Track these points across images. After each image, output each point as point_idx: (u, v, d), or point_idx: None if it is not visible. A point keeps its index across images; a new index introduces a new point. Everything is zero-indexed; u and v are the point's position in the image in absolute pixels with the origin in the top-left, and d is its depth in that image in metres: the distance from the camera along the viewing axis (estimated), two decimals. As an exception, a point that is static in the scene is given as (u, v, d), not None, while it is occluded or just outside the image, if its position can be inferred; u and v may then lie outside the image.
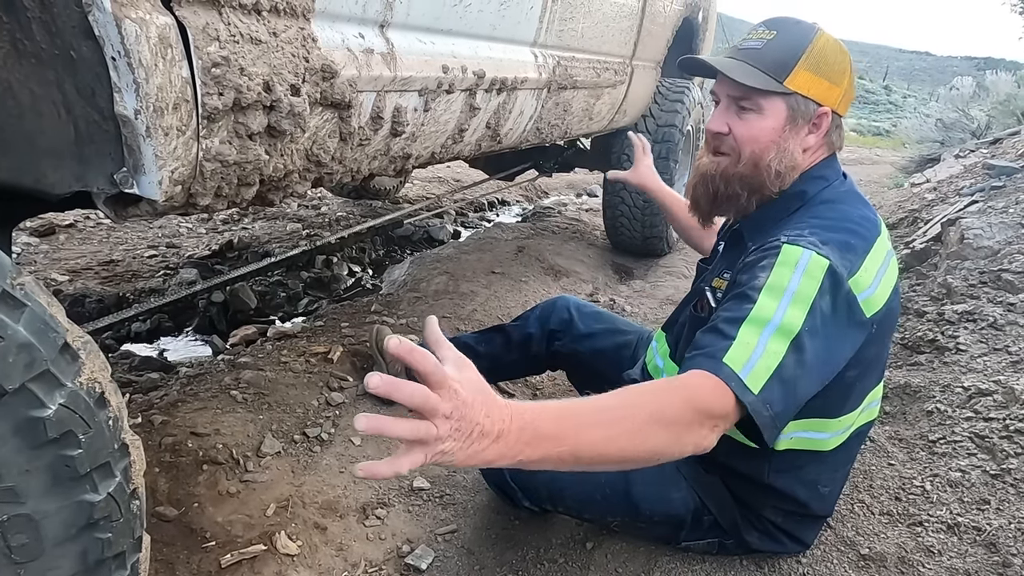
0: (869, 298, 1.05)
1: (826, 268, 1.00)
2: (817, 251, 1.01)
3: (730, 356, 0.94)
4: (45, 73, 0.83)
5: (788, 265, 1.01)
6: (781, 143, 1.13)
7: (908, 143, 9.16)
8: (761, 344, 0.95)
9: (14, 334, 0.59)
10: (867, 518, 1.38)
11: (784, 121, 1.12)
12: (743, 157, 1.14)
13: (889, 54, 73.52)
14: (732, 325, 0.99)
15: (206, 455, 1.54)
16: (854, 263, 1.04)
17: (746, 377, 0.93)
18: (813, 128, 1.14)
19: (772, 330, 0.96)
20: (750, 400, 0.92)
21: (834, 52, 1.13)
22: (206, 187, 0.94)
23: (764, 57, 1.12)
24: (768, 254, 1.05)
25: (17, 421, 0.60)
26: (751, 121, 1.13)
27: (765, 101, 1.12)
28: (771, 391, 0.93)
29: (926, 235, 2.98)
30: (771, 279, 1.01)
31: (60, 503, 0.66)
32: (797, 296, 0.98)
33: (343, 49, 1.08)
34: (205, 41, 0.84)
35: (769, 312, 0.98)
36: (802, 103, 1.12)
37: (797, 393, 0.97)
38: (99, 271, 2.85)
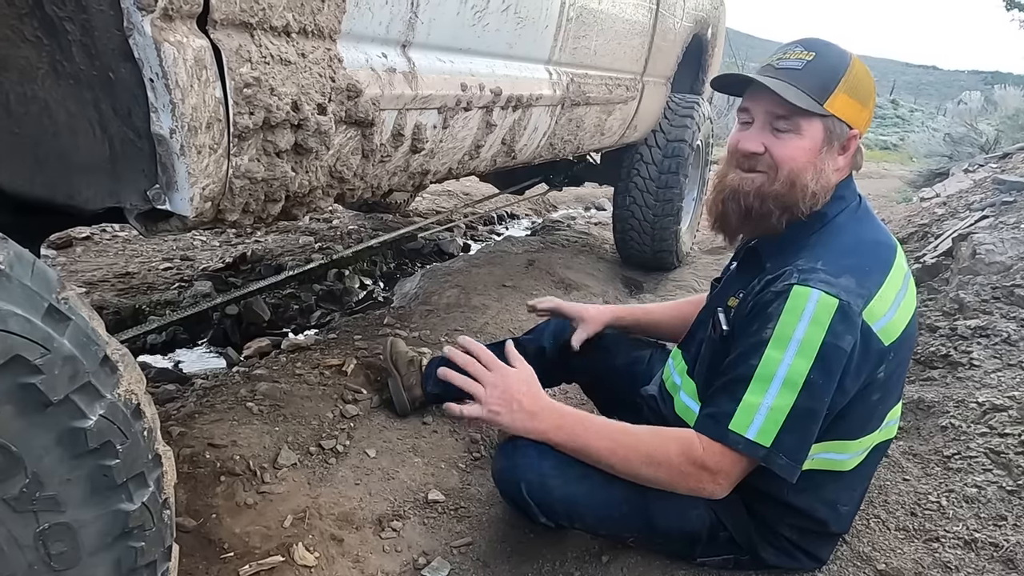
0: (886, 326, 1.08)
1: (835, 308, 1.03)
2: (827, 290, 1.04)
3: (735, 422, 1.05)
4: (82, 93, 0.85)
5: (795, 312, 1.05)
6: (818, 164, 1.14)
7: (916, 157, 9.17)
8: (767, 402, 1.04)
9: (59, 347, 0.61)
10: (883, 533, 1.38)
11: (821, 143, 1.14)
12: (780, 176, 1.14)
13: (895, 68, 73.63)
14: (739, 385, 1.07)
15: (223, 466, 1.55)
16: (871, 290, 1.06)
17: (754, 436, 1.04)
18: (843, 150, 1.17)
19: (778, 385, 1.04)
20: (762, 455, 1.04)
21: (866, 75, 1.16)
22: (235, 203, 0.97)
23: (805, 78, 1.12)
24: (779, 299, 1.08)
25: (60, 431, 0.62)
26: (789, 141, 1.14)
27: (805, 122, 1.12)
28: (783, 442, 1.03)
29: (937, 250, 2.98)
30: (778, 329, 1.05)
31: (97, 512, 0.67)
32: (803, 345, 1.03)
33: (367, 68, 1.11)
34: (238, 63, 0.87)
35: (774, 367, 1.04)
36: (837, 125, 1.14)
37: (810, 433, 1.06)
38: (115, 283, 2.88)
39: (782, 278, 1.09)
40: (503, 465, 1.35)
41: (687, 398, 1.33)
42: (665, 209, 3.33)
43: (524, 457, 1.30)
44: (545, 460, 1.28)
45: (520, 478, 1.29)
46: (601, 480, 1.25)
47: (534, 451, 1.29)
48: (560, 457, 1.28)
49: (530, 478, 1.28)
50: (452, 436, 1.84)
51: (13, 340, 0.56)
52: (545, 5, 1.70)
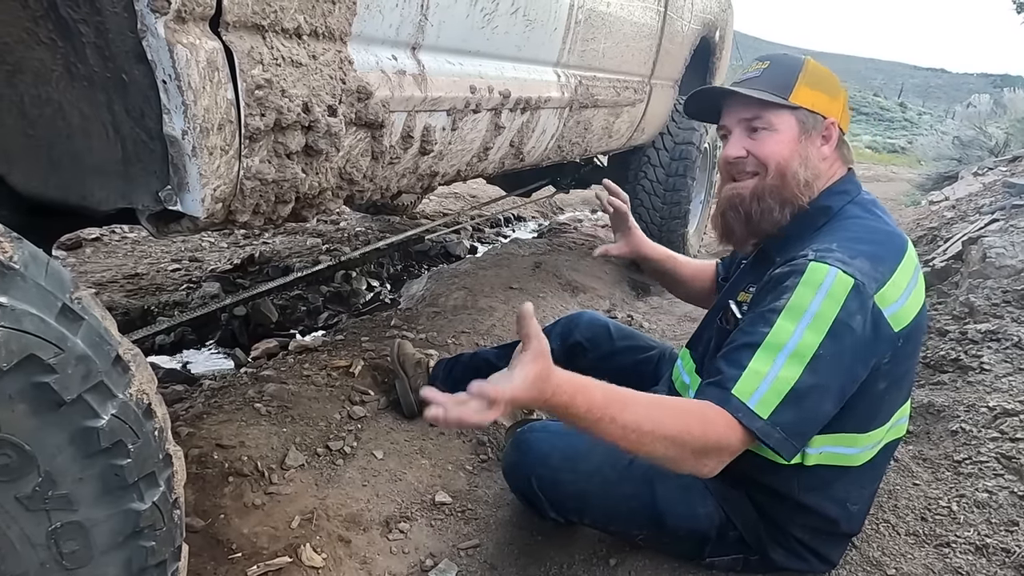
0: (897, 312, 1.07)
1: (851, 286, 1.03)
2: (844, 268, 1.04)
3: (739, 387, 1.02)
4: (96, 95, 0.86)
5: (812, 285, 1.04)
6: (801, 152, 1.18)
7: (924, 160, 9.13)
8: (773, 371, 1.01)
9: (73, 346, 0.61)
10: (893, 538, 1.37)
11: (797, 132, 1.18)
12: (769, 171, 1.19)
13: (904, 71, 73.36)
14: (747, 351, 1.04)
15: (231, 467, 1.56)
16: (884, 275, 1.06)
17: (754, 405, 1.00)
18: (824, 139, 1.20)
19: (786, 355, 1.01)
20: (758, 426, 1.00)
21: (824, 71, 1.22)
22: (245, 204, 0.97)
23: (765, 81, 1.19)
24: (794, 271, 1.07)
25: (73, 431, 0.62)
26: (767, 138, 1.18)
27: (775, 117, 1.18)
28: (781, 414, 1.00)
29: (946, 253, 2.97)
30: (792, 300, 1.04)
31: (109, 511, 0.68)
32: (816, 318, 1.02)
33: (377, 71, 1.12)
34: (250, 64, 0.87)
35: (785, 336, 1.02)
36: (809, 116, 1.18)
37: (816, 412, 1.03)
38: (124, 284, 2.89)
39: (798, 257, 1.10)
40: (514, 460, 1.36)
41: None
42: (672, 212, 3.33)
43: (535, 451, 1.31)
44: (556, 454, 1.29)
45: (531, 472, 1.30)
46: (612, 476, 1.26)
47: (545, 445, 1.30)
48: (570, 452, 1.28)
49: (541, 472, 1.29)
50: (459, 438, 1.84)
51: (28, 339, 0.57)
52: (554, 8, 1.71)
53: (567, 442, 1.32)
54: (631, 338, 1.71)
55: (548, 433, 1.36)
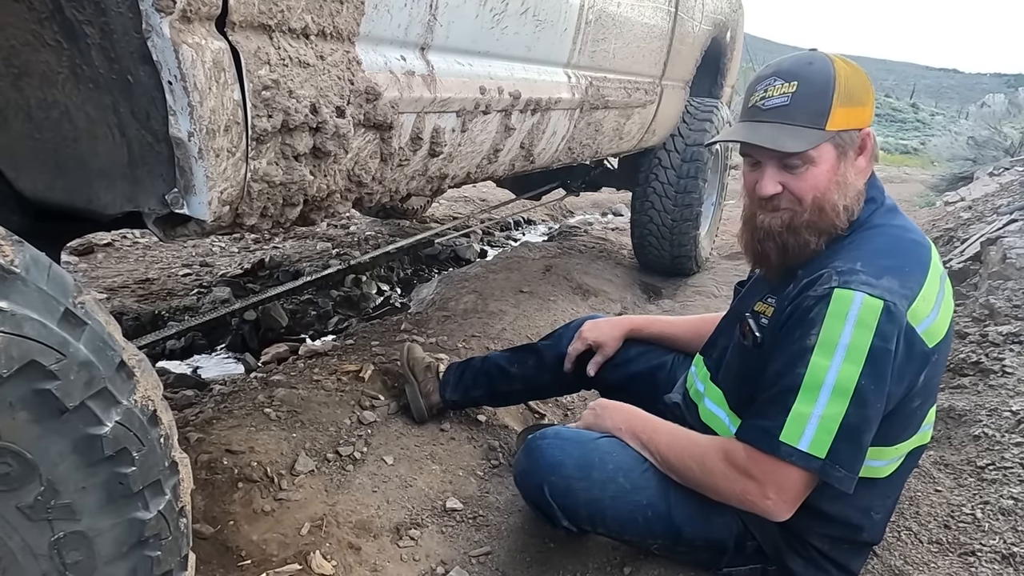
0: (930, 328, 1.05)
1: (880, 310, 0.99)
2: (870, 292, 1.00)
3: (786, 433, 1.01)
4: (102, 97, 0.85)
5: (839, 316, 1.01)
6: (840, 179, 1.11)
7: (938, 161, 9.04)
8: (817, 411, 1.00)
9: (76, 352, 0.60)
10: (915, 546, 1.34)
11: (835, 160, 1.11)
12: (805, 206, 1.12)
13: (916, 72, 72.85)
14: (788, 396, 1.03)
15: (241, 473, 1.54)
16: (913, 291, 1.03)
17: (808, 447, 1.00)
18: (860, 151, 1.14)
19: (828, 393, 1.00)
20: (818, 467, 1.00)
21: (854, 75, 1.11)
22: (252, 207, 0.96)
23: (798, 112, 1.09)
24: (820, 303, 1.03)
25: (76, 438, 0.61)
26: (805, 173, 1.11)
27: (814, 152, 1.10)
28: (838, 452, 1.00)
29: (964, 254, 2.92)
30: (823, 335, 1.02)
31: (113, 520, 0.66)
32: (851, 350, 0.99)
33: (385, 71, 1.10)
34: (256, 65, 0.86)
35: (822, 374, 1.00)
36: (846, 136, 1.11)
37: (864, 441, 1.02)
38: (135, 289, 2.90)
39: (820, 281, 1.05)
40: (526, 467, 1.34)
41: (712, 405, 1.30)
42: (684, 214, 3.30)
43: (547, 459, 1.29)
44: (568, 462, 1.27)
45: (543, 480, 1.28)
46: (626, 484, 1.24)
47: (558, 452, 1.28)
48: (583, 460, 1.26)
49: (554, 480, 1.27)
50: (470, 443, 1.82)
51: (29, 345, 0.55)
52: (564, 8, 1.69)
53: (580, 449, 1.30)
54: (646, 343, 1.68)
55: (561, 440, 1.34)
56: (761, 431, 1.05)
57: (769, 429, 1.04)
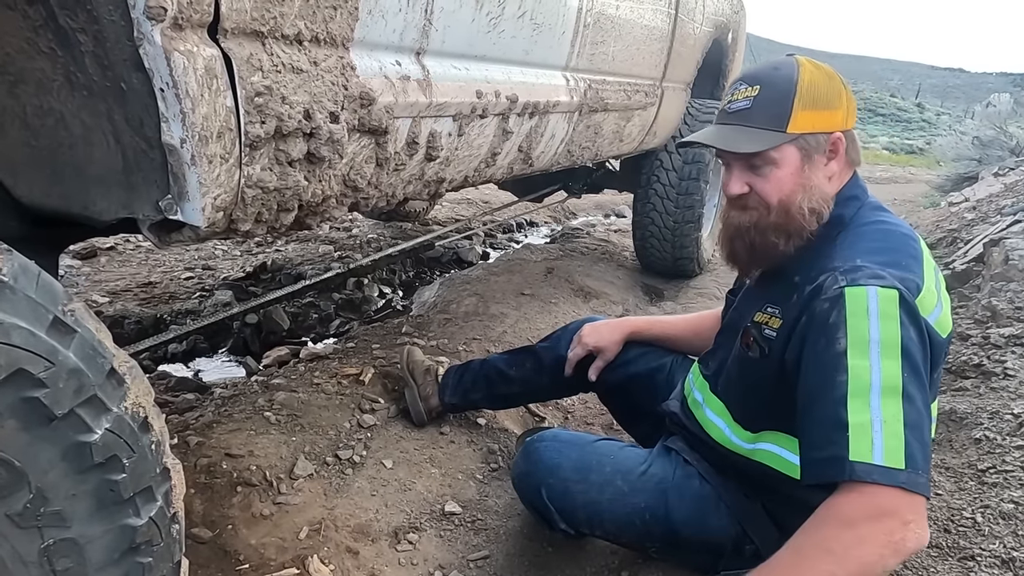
0: (938, 319, 1.04)
1: (898, 299, 0.97)
2: (881, 284, 0.98)
3: (854, 450, 0.91)
4: (96, 104, 0.85)
5: (860, 314, 0.97)
6: (806, 183, 1.11)
7: (943, 161, 9.00)
8: (876, 416, 0.92)
9: (64, 360, 0.60)
10: (915, 551, 1.33)
11: (800, 162, 1.11)
12: (772, 207, 1.12)
13: (921, 71, 72.60)
14: (837, 408, 0.94)
15: (240, 476, 1.55)
16: (917, 284, 1.02)
17: (883, 460, 0.90)
18: (831, 156, 1.13)
19: (878, 394, 0.93)
20: (903, 480, 0.89)
21: (822, 80, 1.11)
22: (247, 213, 0.96)
23: (757, 115, 1.10)
24: (835, 306, 0.99)
25: (65, 446, 0.61)
26: (769, 175, 1.12)
27: (776, 153, 1.10)
28: (914, 457, 0.90)
29: (967, 255, 2.90)
30: (850, 336, 0.96)
31: (104, 527, 0.66)
32: (884, 344, 0.95)
33: (380, 76, 1.10)
34: (249, 71, 0.86)
35: (866, 375, 0.94)
36: (811, 140, 1.11)
37: (928, 440, 0.95)
38: (138, 292, 2.91)
39: (826, 285, 1.02)
40: (524, 469, 1.34)
41: (712, 414, 1.28)
42: (686, 216, 3.29)
43: (545, 461, 1.29)
44: (566, 464, 1.26)
45: (541, 483, 1.28)
46: (624, 487, 1.24)
47: (555, 455, 1.28)
48: (581, 462, 1.26)
49: (551, 483, 1.27)
50: (470, 446, 1.82)
51: (16, 353, 0.56)
52: (562, 11, 1.69)
53: (578, 452, 1.30)
54: (645, 343, 1.68)
55: (558, 443, 1.34)
56: (826, 462, 0.94)
57: (834, 454, 0.92)
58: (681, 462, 1.30)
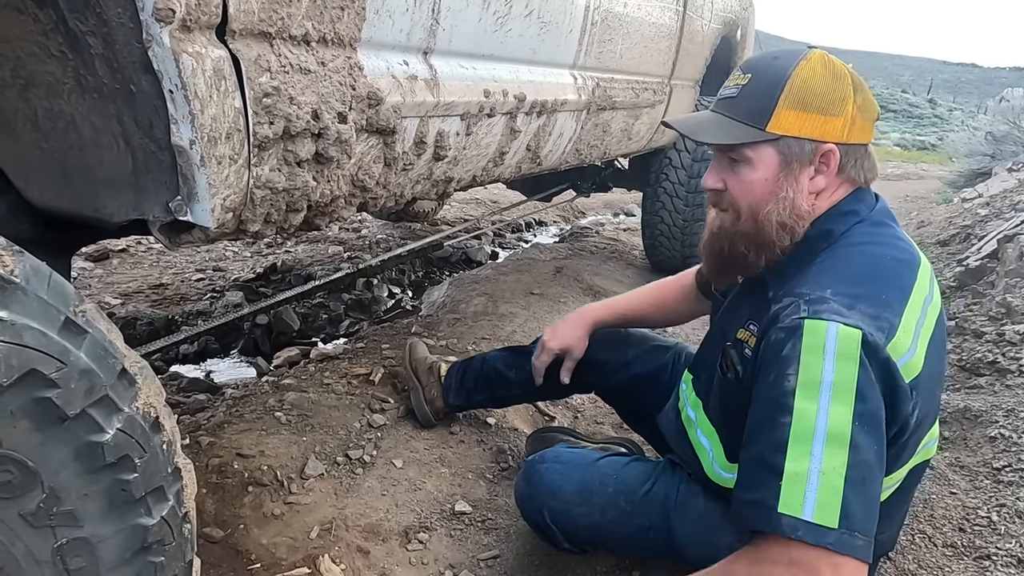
0: (908, 363, 0.92)
1: (859, 340, 0.87)
2: (844, 321, 0.88)
3: (784, 502, 0.83)
4: (106, 107, 0.86)
5: (816, 351, 0.87)
6: (778, 192, 1.01)
7: (956, 157, 8.91)
8: (815, 467, 0.84)
9: (76, 360, 0.60)
10: (929, 550, 1.32)
11: (777, 168, 1.01)
12: (742, 213, 1.04)
13: (933, 67, 71.98)
14: (775, 453, 0.86)
15: (251, 476, 1.56)
16: (892, 323, 0.91)
17: (814, 516, 0.82)
18: (820, 167, 1.01)
19: (822, 442, 0.84)
20: (831, 541, 0.81)
21: (823, 80, 0.99)
22: (256, 214, 0.96)
23: (739, 105, 1.02)
24: (792, 338, 0.90)
25: (77, 446, 0.61)
26: (743, 174, 1.03)
27: (751, 152, 1.01)
28: (853, 516, 0.82)
29: (981, 252, 2.87)
30: (802, 374, 0.88)
31: (116, 527, 0.67)
32: (837, 387, 0.86)
33: (388, 76, 1.10)
34: (257, 72, 0.86)
35: (811, 420, 0.85)
36: (795, 145, 0.99)
37: (875, 495, 0.87)
38: (149, 294, 2.93)
39: (788, 312, 0.93)
40: (525, 492, 1.31)
41: (702, 436, 1.21)
42: (695, 214, 3.28)
43: (546, 484, 1.26)
44: (568, 487, 1.23)
45: (543, 505, 1.26)
46: (626, 508, 1.21)
47: (557, 477, 1.25)
48: (583, 484, 1.23)
49: (553, 505, 1.24)
50: (480, 446, 1.82)
51: (29, 354, 0.56)
52: (569, 10, 1.69)
53: (580, 473, 1.26)
54: (643, 342, 1.61)
55: (560, 464, 1.30)
56: (753, 506, 0.87)
57: (762, 500, 0.86)
58: (686, 478, 1.24)
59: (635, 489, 1.22)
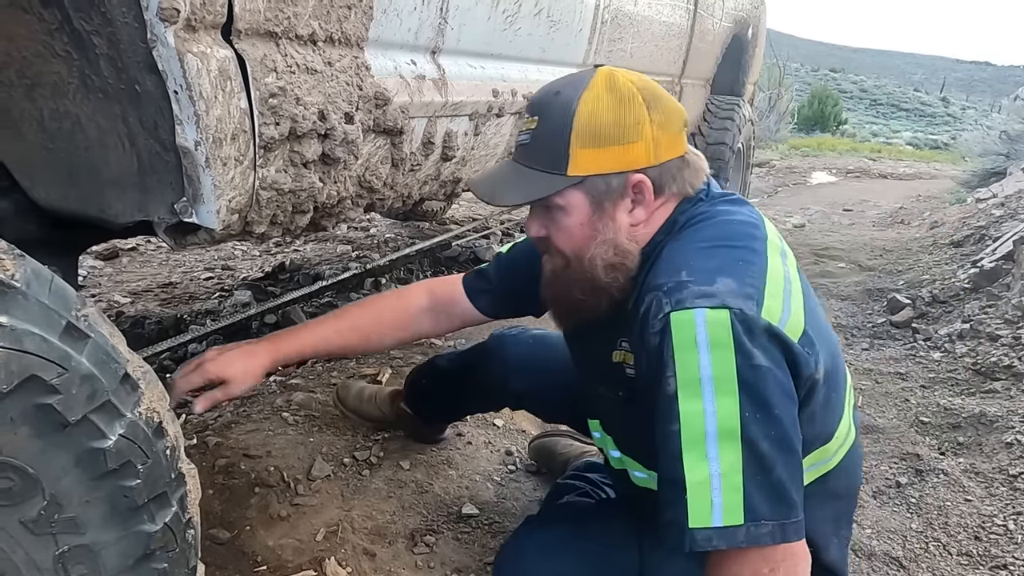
0: (788, 324, 0.86)
1: (729, 321, 0.81)
2: (709, 304, 0.82)
3: (693, 515, 0.80)
4: (111, 107, 0.85)
5: (687, 346, 0.82)
6: (596, 235, 0.95)
7: (969, 156, 8.82)
8: (715, 470, 0.80)
9: (78, 365, 0.59)
10: (944, 559, 1.29)
11: (589, 211, 0.94)
12: (569, 259, 0.98)
13: (946, 65, 71.38)
14: (674, 463, 0.83)
15: (258, 477, 1.55)
16: (757, 287, 0.86)
17: (722, 520, 0.79)
18: (636, 198, 0.94)
19: (714, 441, 0.81)
20: (742, 538, 0.79)
21: (609, 109, 0.91)
22: (261, 215, 0.96)
23: (534, 153, 0.95)
24: (663, 337, 0.85)
25: (79, 452, 0.61)
26: (560, 221, 0.96)
27: (560, 199, 0.94)
28: (755, 508, 0.79)
29: (996, 253, 2.84)
30: (679, 375, 0.83)
31: (118, 533, 0.66)
32: (718, 380, 0.81)
33: (395, 76, 1.09)
34: (263, 72, 0.85)
35: (699, 421, 0.81)
36: (601, 183, 0.93)
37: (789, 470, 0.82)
38: (159, 293, 2.94)
39: (653, 310, 0.86)
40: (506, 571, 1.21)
41: (638, 472, 1.13)
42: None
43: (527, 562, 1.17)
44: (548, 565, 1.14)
45: None
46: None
47: (536, 555, 1.16)
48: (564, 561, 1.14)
49: None
50: (487, 448, 1.81)
51: (29, 359, 0.55)
52: (579, 8, 1.67)
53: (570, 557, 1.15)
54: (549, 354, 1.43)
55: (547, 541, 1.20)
56: (671, 526, 0.83)
57: (675, 520, 0.82)
58: None
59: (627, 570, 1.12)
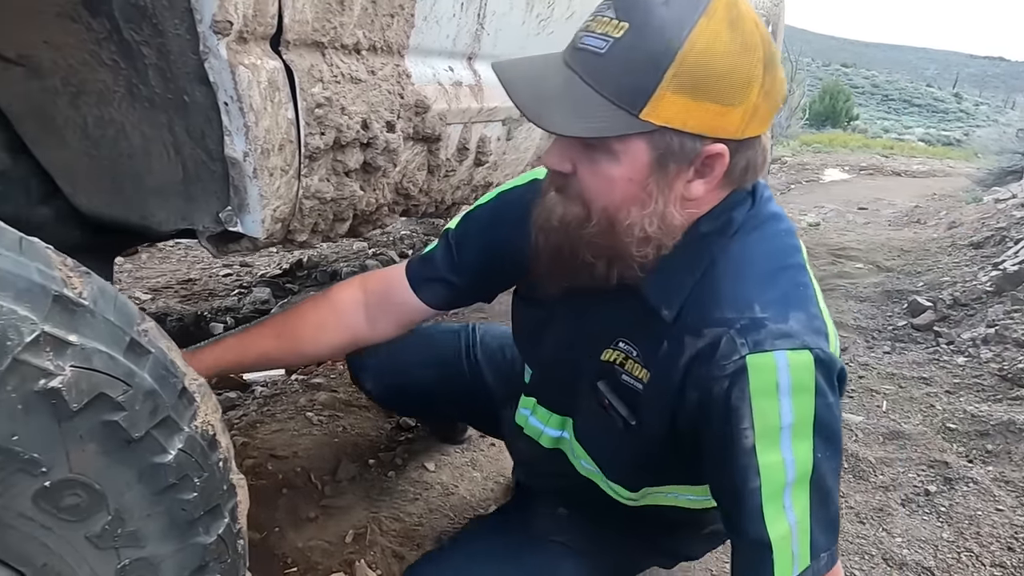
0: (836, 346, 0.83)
1: (813, 363, 0.75)
2: (790, 346, 0.75)
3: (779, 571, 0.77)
4: (157, 116, 0.85)
5: (768, 393, 0.75)
6: (645, 198, 0.76)
7: (983, 154, 8.74)
8: (791, 520, 0.77)
9: (141, 382, 0.60)
10: (977, 570, 1.29)
11: (647, 168, 0.74)
12: (593, 213, 0.78)
13: (959, 60, 70.67)
14: (756, 523, 0.78)
15: (285, 478, 1.56)
16: (821, 316, 0.80)
17: (799, 567, 0.78)
18: (703, 171, 0.76)
19: (790, 491, 0.77)
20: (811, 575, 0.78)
21: (727, 53, 0.70)
22: (304, 224, 0.96)
23: (606, 72, 0.71)
24: (736, 382, 0.76)
25: (141, 467, 0.61)
26: (601, 165, 0.76)
27: (620, 143, 0.74)
28: (817, 544, 0.78)
29: (1018, 256, 2.81)
30: (758, 426, 0.76)
31: (176, 546, 0.66)
32: (796, 427, 0.76)
33: (434, 83, 1.09)
34: (310, 83, 0.85)
35: (780, 475, 0.77)
36: (675, 140, 0.73)
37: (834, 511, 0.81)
38: (178, 289, 2.95)
39: (722, 352, 0.77)
40: None
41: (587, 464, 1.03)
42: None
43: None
44: None
45: None
46: None
47: None
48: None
49: None
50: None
51: (97, 378, 0.55)
52: (608, 10, 1.66)
53: None
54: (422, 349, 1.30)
55: None
56: None
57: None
58: None
59: None
